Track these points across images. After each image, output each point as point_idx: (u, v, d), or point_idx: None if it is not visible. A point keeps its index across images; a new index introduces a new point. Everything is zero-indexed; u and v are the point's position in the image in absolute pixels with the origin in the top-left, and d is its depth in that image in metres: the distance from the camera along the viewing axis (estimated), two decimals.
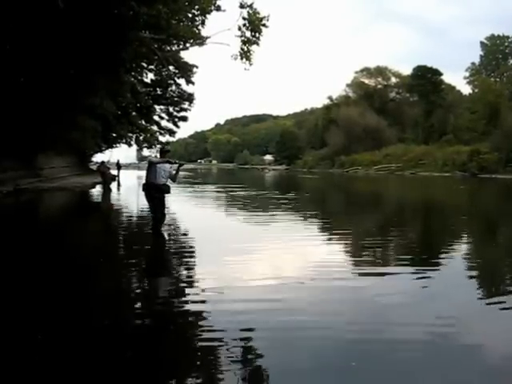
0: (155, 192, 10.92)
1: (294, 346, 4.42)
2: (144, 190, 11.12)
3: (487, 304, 5.91)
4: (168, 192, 11.15)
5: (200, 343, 4.63)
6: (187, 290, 6.44)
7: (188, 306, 5.71)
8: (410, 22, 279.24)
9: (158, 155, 12.07)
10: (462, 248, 10.49)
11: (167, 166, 11.01)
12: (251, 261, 8.30)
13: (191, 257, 8.98)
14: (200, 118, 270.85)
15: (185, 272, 7.70)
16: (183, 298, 6.09)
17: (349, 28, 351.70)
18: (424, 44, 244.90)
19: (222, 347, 4.37)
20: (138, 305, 6.02)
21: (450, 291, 6.50)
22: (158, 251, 9.87)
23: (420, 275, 7.32)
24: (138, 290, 6.79)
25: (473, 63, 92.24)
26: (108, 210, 18.90)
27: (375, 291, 6.34)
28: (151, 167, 10.96)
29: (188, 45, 26.47)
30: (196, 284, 6.82)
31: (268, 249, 9.35)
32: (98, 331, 4.85)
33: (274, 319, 5.15)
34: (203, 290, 6.37)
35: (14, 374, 3.93)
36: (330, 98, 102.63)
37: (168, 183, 11.15)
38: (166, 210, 11.46)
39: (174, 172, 11.30)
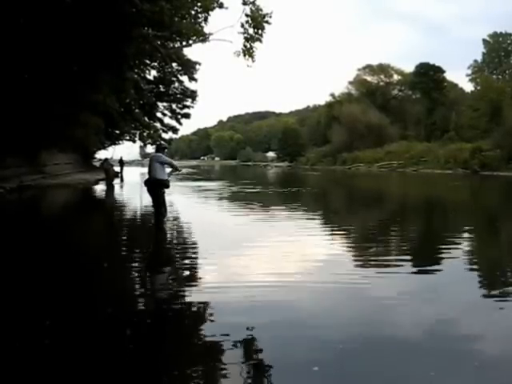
0: (156, 186, 11.12)
1: (294, 345, 4.52)
2: (146, 184, 11.35)
3: (487, 302, 6.04)
4: (167, 186, 11.35)
5: (200, 341, 4.70)
6: (188, 286, 6.51)
7: (188, 303, 5.78)
8: (409, 20, 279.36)
9: (155, 151, 12.33)
10: (455, 244, 10.59)
11: (163, 158, 11.33)
12: (253, 257, 8.37)
13: (193, 252, 9.10)
14: (203, 116, 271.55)
15: (187, 267, 7.77)
16: (183, 294, 6.17)
17: (350, 25, 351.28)
18: (424, 42, 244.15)
19: (222, 345, 4.44)
20: (139, 300, 6.12)
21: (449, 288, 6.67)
22: (160, 246, 10.00)
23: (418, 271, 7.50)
24: (140, 285, 6.90)
25: (475, 61, 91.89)
26: (111, 207, 19.06)
27: (375, 289, 6.46)
28: (152, 163, 11.22)
29: (191, 42, 26.54)
30: (197, 280, 6.89)
31: (270, 246, 9.40)
32: (97, 323, 5.00)
33: (275, 317, 5.25)
34: (205, 287, 6.46)
35: (25, 356, 4.11)
36: (332, 95, 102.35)
37: (166, 177, 11.36)
38: (168, 205, 11.65)
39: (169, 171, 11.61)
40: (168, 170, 11.67)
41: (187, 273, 7.36)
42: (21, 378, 3.78)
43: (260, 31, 22.27)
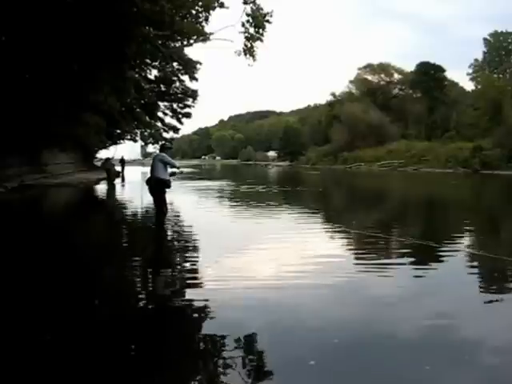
0: (157, 185, 11.15)
1: (292, 340, 4.58)
2: (147, 183, 11.40)
3: (483, 298, 6.08)
4: (169, 186, 11.34)
5: (201, 340, 4.73)
6: (188, 284, 6.53)
7: (188, 301, 5.82)
8: (410, 20, 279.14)
9: (158, 151, 12.36)
10: (455, 242, 10.63)
11: (166, 158, 11.29)
12: (253, 255, 8.42)
13: (194, 251, 9.17)
14: (204, 115, 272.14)
15: (187, 265, 7.82)
16: (184, 292, 6.22)
17: (350, 25, 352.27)
18: (425, 41, 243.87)
19: (223, 345, 4.46)
20: (140, 298, 6.16)
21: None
22: (161, 245, 10.05)
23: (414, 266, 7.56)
24: (140, 283, 6.93)
25: (476, 60, 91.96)
26: (112, 207, 19.13)
27: (373, 286, 6.52)
28: (154, 162, 11.27)
29: (192, 41, 26.60)
30: (198, 278, 6.91)
31: (270, 244, 9.42)
32: (97, 321, 5.06)
33: (273, 313, 5.32)
34: (205, 284, 6.50)
35: (28, 350, 4.18)
36: (333, 94, 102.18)
37: (168, 177, 11.37)
38: (168, 204, 11.69)
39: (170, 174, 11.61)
40: (170, 170, 11.68)
41: (187, 271, 7.42)
42: (24, 374, 3.85)
43: (261, 30, 22.30)
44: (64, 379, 3.76)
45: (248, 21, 22.20)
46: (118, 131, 48.35)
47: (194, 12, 23.99)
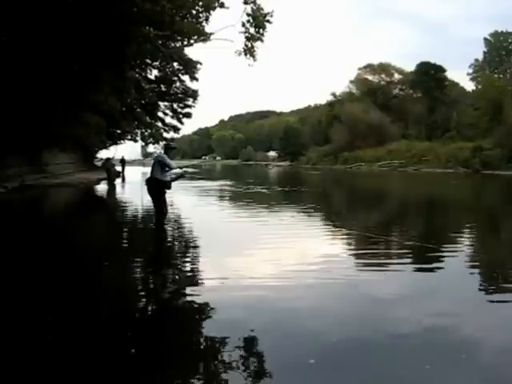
0: (155, 186, 11.10)
1: (294, 341, 4.56)
2: (146, 183, 11.36)
3: (482, 297, 6.09)
4: (168, 187, 11.29)
5: (202, 341, 4.71)
6: (188, 285, 6.48)
7: (188, 302, 5.78)
8: (410, 19, 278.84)
9: (163, 151, 12.26)
10: (456, 241, 10.63)
11: (165, 160, 11.18)
12: (253, 256, 8.41)
13: (194, 252, 9.15)
14: (204, 115, 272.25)
15: (187, 267, 7.81)
16: (184, 293, 6.17)
17: (351, 25, 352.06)
18: (425, 41, 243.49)
19: (224, 345, 4.44)
20: (140, 299, 6.14)
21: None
22: (161, 245, 10.04)
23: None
24: (140, 284, 6.91)
25: (476, 59, 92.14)
26: (112, 207, 19.12)
27: (374, 287, 6.49)
28: (154, 162, 11.24)
29: (192, 41, 26.62)
30: (197, 281, 6.87)
31: (271, 244, 9.39)
32: (97, 321, 5.06)
33: (272, 313, 5.32)
34: (205, 285, 6.49)
35: (29, 349, 4.18)
36: (333, 94, 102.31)
37: (168, 179, 11.30)
38: (168, 205, 11.66)
39: (173, 176, 11.50)
40: (175, 171, 11.61)
41: (187, 272, 7.42)
42: (25, 374, 3.85)
43: (261, 30, 22.32)
44: (65, 378, 3.76)
45: (248, 21, 22.22)
46: (119, 131, 48.34)
47: (194, 12, 24.01)
